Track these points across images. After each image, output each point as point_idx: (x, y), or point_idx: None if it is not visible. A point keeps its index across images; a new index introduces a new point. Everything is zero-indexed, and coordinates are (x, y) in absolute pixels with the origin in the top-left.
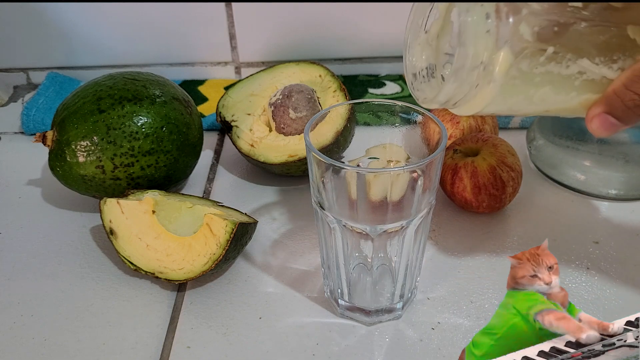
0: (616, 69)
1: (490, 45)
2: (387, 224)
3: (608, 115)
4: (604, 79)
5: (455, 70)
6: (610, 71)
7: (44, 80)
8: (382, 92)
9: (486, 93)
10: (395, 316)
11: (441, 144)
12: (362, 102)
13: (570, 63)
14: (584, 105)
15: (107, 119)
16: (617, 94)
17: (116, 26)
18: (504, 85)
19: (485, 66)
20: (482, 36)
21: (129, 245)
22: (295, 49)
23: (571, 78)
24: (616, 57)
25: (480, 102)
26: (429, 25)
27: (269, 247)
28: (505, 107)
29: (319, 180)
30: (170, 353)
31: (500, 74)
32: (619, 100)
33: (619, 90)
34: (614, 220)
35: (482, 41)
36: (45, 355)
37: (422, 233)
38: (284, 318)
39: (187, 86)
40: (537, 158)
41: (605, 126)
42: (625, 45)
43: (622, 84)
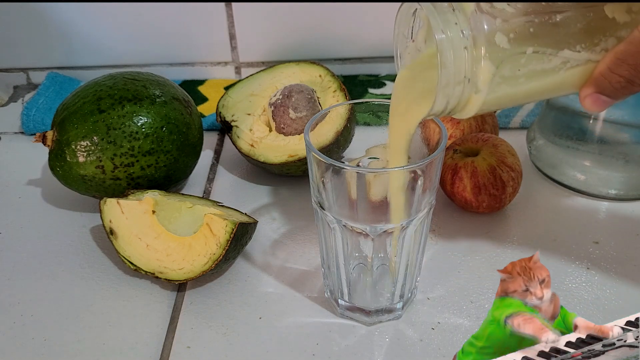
0: (599, 51)
1: (470, 60)
2: (387, 224)
3: (599, 95)
4: (589, 61)
5: (441, 88)
6: (594, 54)
7: (44, 80)
8: (382, 92)
9: (475, 101)
10: (395, 316)
11: (441, 144)
12: (362, 102)
13: (552, 57)
14: (575, 86)
15: (107, 119)
16: (604, 77)
17: (116, 26)
18: (491, 92)
19: (469, 79)
20: (461, 53)
21: (129, 245)
22: (295, 49)
23: (556, 69)
24: (597, 40)
25: (472, 109)
26: (415, 34)
27: (269, 247)
28: (498, 106)
29: (319, 180)
30: (170, 353)
31: (484, 84)
32: (606, 82)
33: (605, 74)
34: (614, 220)
35: (461, 58)
36: (45, 355)
37: (422, 233)
38: (284, 318)
39: (187, 86)
40: (537, 158)
41: (597, 104)
42: (605, 26)
43: (607, 67)
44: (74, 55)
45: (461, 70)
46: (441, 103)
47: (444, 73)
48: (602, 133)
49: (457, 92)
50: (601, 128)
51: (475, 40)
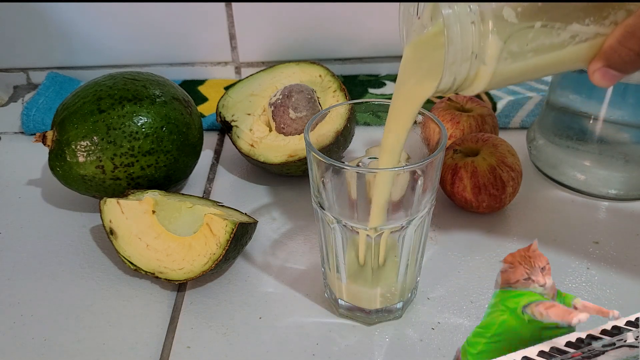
0: (609, 24)
1: (477, 35)
2: (387, 224)
3: (608, 69)
4: (597, 35)
5: (448, 65)
6: (603, 27)
7: (44, 80)
8: (382, 92)
9: (483, 77)
10: (395, 316)
11: (441, 144)
12: (362, 102)
13: (561, 31)
14: (584, 60)
15: (107, 119)
16: (613, 50)
17: (116, 26)
18: (499, 67)
19: (476, 55)
20: (468, 28)
21: (129, 245)
22: (295, 49)
23: (564, 44)
24: (606, 13)
25: (480, 85)
26: (420, 12)
27: (269, 247)
28: (506, 82)
29: (319, 180)
30: (170, 353)
31: (492, 59)
32: (616, 55)
33: (615, 47)
34: (614, 220)
35: (468, 34)
36: (45, 355)
37: (422, 233)
38: (284, 318)
39: (187, 86)
40: (537, 158)
41: (607, 78)
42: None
43: (616, 40)
44: (74, 55)
45: (468, 46)
46: (448, 80)
47: (450, 49)
48: (602, 133)
49: (465, 68)
50: (601, 128)
51: (483, 14)
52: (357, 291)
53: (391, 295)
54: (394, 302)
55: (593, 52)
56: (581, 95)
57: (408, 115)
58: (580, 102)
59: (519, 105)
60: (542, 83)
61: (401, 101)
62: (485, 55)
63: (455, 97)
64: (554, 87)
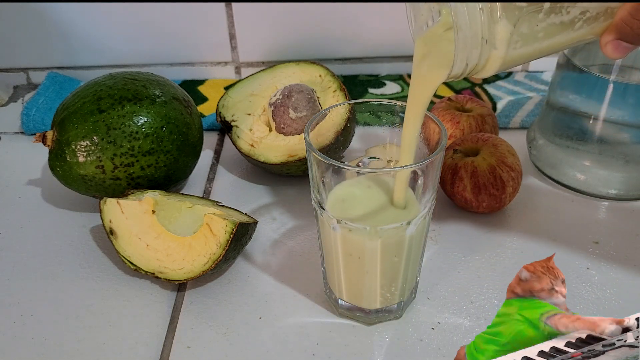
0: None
1: (486, 21)
2: (387, 224)
3: (620, 41)
4: (608, 9)
5: (459, 52)
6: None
7: (44, 80)
8: (382, 92)
9: (495, 60)
10: (395, 316)
11: (441, 144)
12: (362, 102)
13: (570, 9)
14: (596, 34)
15: (107, 118)
16: (625, 23)
17: (116, 26)
18: (510, 50)
19: (487, 40)
20: (476, 15)
21: (129, 245)
22: (295, 49)
23: (575, 20)
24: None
25: (492, 68)
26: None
27: (269, 247)
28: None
29: (319, 180)
30: (170, 353)
31: (502, 43)
32: (628, 28)
33: (627, 20)
34: (614, 220)
35: (476, 20)
36: (45, 355)
37: (422, 233)
38: (284, 318)
39: (187, 86)
40: (537, 158)
41: (619, 50)
42: None
43: (628, 13)
44: (74, 55)
45: (478, 33)
46: (460, 66)
47: (460, 36)
48: (602, 133)
49: (475, 54)
50: (601, 128)
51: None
52: (357, 291)
53: (391, 295)
54: (394, 302)
55: (604, 26)
56: (581, 95)
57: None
58: (580, 102)
59: (519, 105)
60: (542, 83)
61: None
62: (495, 40)
63: (455, 97)
64: (554, 87)
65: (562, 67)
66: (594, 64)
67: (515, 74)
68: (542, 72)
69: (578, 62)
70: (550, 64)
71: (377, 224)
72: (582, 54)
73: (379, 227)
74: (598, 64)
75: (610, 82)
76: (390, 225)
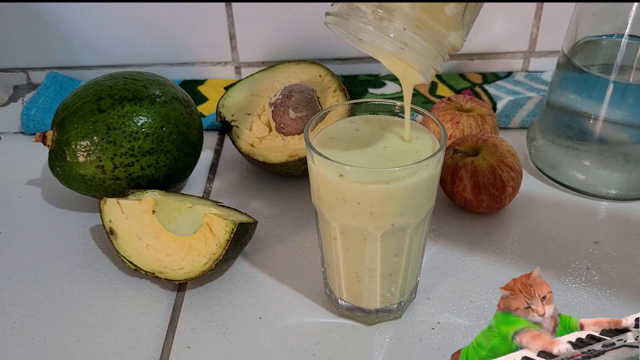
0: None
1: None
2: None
3: None
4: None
5: (422, 72)
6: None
7: (44, 80)
8: (382, 92)
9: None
10: (395, 316)
11: (441, 144)
12: (362, 102)
13: None
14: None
15: (107, 118)
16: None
17: (116, 26)
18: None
19: (444, 51)
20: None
21: (129, 245)
22: (295, 49)
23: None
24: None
25: (458, 48)
26: None
27: (269, 247)
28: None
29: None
30: (170, 353)
31: (459, 42)
32: None
33: None
34: (614, 220)
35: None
36: (45, 355)
37: (422, 233)
38: (284, 318)
39: (187, 86)
40: (537, 158)
41: None
42: None
43: None
44: (74, 55)
45: (431, 54)
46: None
47: (418, 63)
48: (602, 133)
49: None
50: (601, 128)
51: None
52: (357, 291)
53: (391, 295)
54: (394, 302)
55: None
56: (581, 95)
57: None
58: (580, 102)
59: (519, 105)
60: (542, 83)
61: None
62: (450, 45)
63: (455, 97)
64: (554, 87)
65: (562, 67)
66: (594, 64)
67: (515, 74)
68: (542, 72)
69: (578, 62)
70: (550, 64)
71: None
72: (582, 54)
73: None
74: (598, 64)
75: (610, 82)
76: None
